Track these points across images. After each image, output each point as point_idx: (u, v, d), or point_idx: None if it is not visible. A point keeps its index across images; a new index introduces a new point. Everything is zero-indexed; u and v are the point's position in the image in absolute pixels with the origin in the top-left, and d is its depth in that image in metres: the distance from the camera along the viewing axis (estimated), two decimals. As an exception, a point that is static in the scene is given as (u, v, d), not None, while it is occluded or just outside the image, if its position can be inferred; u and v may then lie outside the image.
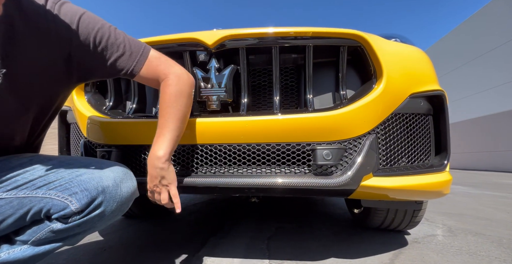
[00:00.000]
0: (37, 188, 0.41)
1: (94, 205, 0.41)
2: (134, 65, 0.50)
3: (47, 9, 0.43)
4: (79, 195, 0.41)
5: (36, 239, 0.42)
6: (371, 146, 0.59)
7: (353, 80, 0.69)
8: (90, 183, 0.42)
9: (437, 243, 0.91)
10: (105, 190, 0.42)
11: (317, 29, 0.62)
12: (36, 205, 0.40)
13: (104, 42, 0.47)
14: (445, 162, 0.68)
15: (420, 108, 0.66)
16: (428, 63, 0.70)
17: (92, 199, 0.41)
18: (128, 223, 1.21)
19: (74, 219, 0.41)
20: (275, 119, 0.60)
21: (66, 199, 0.41)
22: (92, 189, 0.41)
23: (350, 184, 0.56)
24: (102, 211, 0.42)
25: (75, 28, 0.45)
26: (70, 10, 0.45)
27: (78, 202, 0.40)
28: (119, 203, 0.44)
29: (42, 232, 0.42)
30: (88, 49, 0.47)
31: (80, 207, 0.41)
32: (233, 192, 0.66)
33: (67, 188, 0.41)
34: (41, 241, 0.42)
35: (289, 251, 0.81)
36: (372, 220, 0.97)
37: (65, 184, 0.41)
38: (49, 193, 0.41)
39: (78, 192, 0.41)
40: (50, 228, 0.42)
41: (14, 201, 0.40)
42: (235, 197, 1.90)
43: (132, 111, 0.70)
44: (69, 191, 0.41)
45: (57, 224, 0.41)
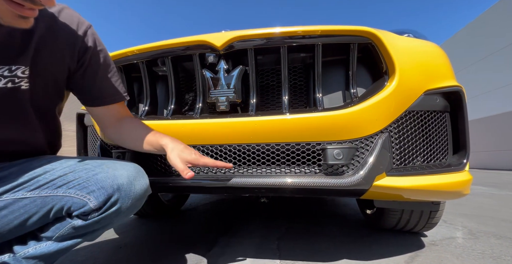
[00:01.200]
0: (58, 187, 0.43)
1: (110, 202, 0.43)
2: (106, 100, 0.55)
3: (76, 31, 0.50)
4: (96, 193, 0.43)
5: (59, 235, 0.44)
6: (384, 145, 0.58)
7: (363, 78, 0.68)
8: (105, 181, 0.44)
9: (457, 246, 0.86)
10: (120, 188, 0.44)
11: (326, 27, 0.61)
12: (57, 203, 0.43)
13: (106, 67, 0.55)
14: (464, 160, 0.64)
15: (436, 106, 0.64)
16: (443, 58, 0.68)
17: (108, 196, 0.43)
18: (142, 222, 1.25)
19: (93, 216, 0.43)
20: (284, 119, 0.60)
21: (85, 197, 0.43)
22: (108, 187, 0.43)
23: (362, 184, 0.55)
24: (119, 208, 0.44)
25: (94, 56, 0.53)
26: (96, 38, 0.53)
27: (96, 199, 0.43)
28: (133, 199, 0.46)
29: (65, 229, 0.44)
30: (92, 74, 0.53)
31: (98, 205, 0.43)
32: (243, 192, 0.67)
33: (85, 186, 0.43)
34: (63, 237, 0.45)
35: (300, 251, 0.81)
36: (386, 221, 0.95)
37: (83, 183, 0.44)
38: (69, 192, 0.43)
39: (95, 190, 0.43)
40: (71, 225, 0.44)
41: (38, 200, 0.43)
42: (245, 197, 1.91)
43: (145, 113, 0.72)
44: (87, 189, 0.43)
45: (77, 221, 0.44)
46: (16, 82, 0.43)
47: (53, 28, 0.46)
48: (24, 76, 0.43)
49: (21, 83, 0.43)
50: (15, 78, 0.43)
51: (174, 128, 0.66)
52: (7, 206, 0.42)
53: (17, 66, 0.42)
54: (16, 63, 0.42)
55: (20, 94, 0.44)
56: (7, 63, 0.42)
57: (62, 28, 0.48)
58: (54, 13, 0.47)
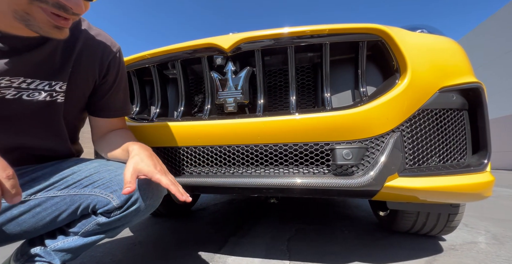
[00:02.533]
0: (84, 186, 0.47)
1: (131, 201, 0.46)
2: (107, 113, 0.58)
3: (111, 54, 0.54)
4: (119, 192, 0.46)
5: (85, 231, 0.48)
6: (396, 145, 0.56)
7: (373, 76, 0.66)
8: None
9: (479, 251, 0.81)
10: (139, 188, 0.47)
11: (333, 26, 0.60)
12: (84, 201, 0.47)
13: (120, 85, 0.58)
14: (485, 161, 0.61)
15: (452, 103, 0.61)
16: (460, 53, 0.64)
17: (129, 195, 0.46)
18: (155, 221, 1.29)
19: (116, 214, 0.47)
20: (292, 119, 0.60)
21: (108, 196, 0.46)
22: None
23: (373, 185, 0.54)
24: (138, 207, 0.47)
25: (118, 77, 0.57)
26: (121, 64, 0.58)
27: (118, 198, 0.46)
28: (151, 199, 0.49)
29: (90, 225, 0.48)
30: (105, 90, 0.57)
31: (120, 203, 0.46)
32: (251, 192, 0.67)
33: (108, 186, 0.47)
34: (88, 232, 0.49)
35: (310, 253, 0.80)
36: (400, 223, 0.91)
37: (107, 183, 0.47)
38: (94, 191, 0.47)
39: (117, 189, 0.46)
40: (96, 221, 0.48)
41: (67, 198, 0.47)
42: (254, 198, 1.91)
43: (156, 115, 0.75)
44: (110, 189, 0.46)
45: (102, 218, 0.47)
46: (54, 96, 0.48)
47: (89, 49, 0.51)
48: (61, 90, 0.48)
49: (58, 97, 0.48)
50: (53, 92, 0.47)
51: (184, 130, 0.67)
52: (41, 204, 0.46)
53: (56, 82, 0.47)
54: (56, 79, 0.47)
55: (55, 107, 0.49)
56: (48, 78, 0.46)
57: (97, 49, 0.52)
58: (91, 34, 0.52)
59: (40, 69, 0.45)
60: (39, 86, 0.45)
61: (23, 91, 0.44)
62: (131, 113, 0.63)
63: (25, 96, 0.44)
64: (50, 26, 0.38)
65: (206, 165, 0.68)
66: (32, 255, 0.47)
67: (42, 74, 0.45)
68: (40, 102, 0.46)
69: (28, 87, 0.44)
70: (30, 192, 0.46)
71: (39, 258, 0.47)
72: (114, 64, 0.55)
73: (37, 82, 0.45)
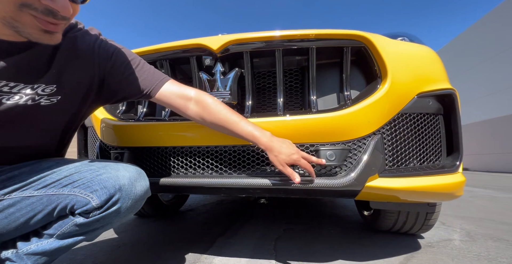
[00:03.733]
0: (63, 186, 0.45)
1: (112, 202, 0.45)
2: (152, 88, 0.56)
3: (95, 43, 0.53)
4: (99, 192, 0.45)
5: (61, 233, 0.46)
6: (376, 147, 0.58)
7: (358, 81, 0.69)
8: (108, 182, 0.45)
9: (453, 247, 0.86)
10: (122, 188, 0.46)
11: (319, 31, 0.63)
12: (62, 201, 0.45)
13: (132, 69, 0.56)
14: (457, 162, 0.65)
15: (429, 108, 0.65)
16: (437, 61, 0.68)
17: (110, 196, 0.45)
18: (141, 222, 1.27)
19: (95, 214, 0.45)
20: (279, 120, 0.61)
21: (88, 195, 0.45)
22: (110, 187, 0.45)
23: (354, 185, 0.56)
24: (119, 207, 0.46)
25: (114, 57, 0.54)
26: (112, 45, 0.56)
27: (98, 198, 0.44)
28: (133, 200, 0.48)
29: (67, 226, 0.46)
30: (119, 74, 0.55)
31: (100, 203, 0.44)
32: (239, 192, 0.68)
33: (89, 186, 0.45)
34: (65, 234, 0.47)
35: (296, 252, 0.81)
36: (383, 222, 0.95)
37: (87, 183, 0.46)
38: (74, 191, 0.45)
39: (98, 189, 0.45)
40: (73, 222, 0.46)
41: (44, 198, 0.45)
42: (244, 199, 1.91)
43: (143, 114, 0.74)
44: (91, 188, 0.45)
45: (80, 219, 0.45)
46: (36, 99, 0.46)
47: (75, 48, 0.50)
48: (44, 93, 0.46)
49: (41, 100, 0.46)
50: (36, 95, 0.46)
51: (171, 130, 0.67)
52: (15, 204, 0.44)
53: (39, 85, 0.45)
54: (39, 82, 0.45)
55: (40, 110, 0.47)
56: (32, 82, 0.45)
57: (81, 45, 0.51)
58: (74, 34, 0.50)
59: (25, 72, 0.44)
60: (22, 90, 0.44)
61: (4, 95, 0.42)
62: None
63: (5, 100, 0.43)
64: (40, 32, 0.38)
65: (193, 165, 0.68)
66: (2, 260, 0.45)
67: (26, 78, 0.44)
68: (20, 106, 0.44)
69: (10, 91, 0.43)
70: (4, 191, 0.44)
71: (10, 262, 0.44)
72: (104, 51, 0.53)
73: (20, 86, 0.43)
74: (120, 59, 0.55)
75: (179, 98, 0.57)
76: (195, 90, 0.58)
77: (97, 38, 0.54)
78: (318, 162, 0.56)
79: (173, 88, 0.57)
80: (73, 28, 0.50)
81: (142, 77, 0.56)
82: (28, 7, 0.35)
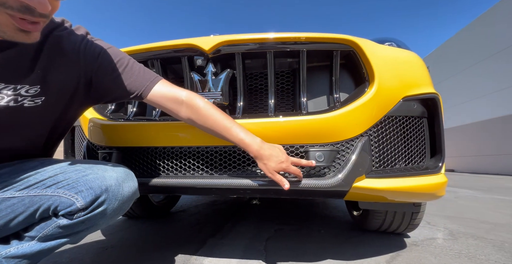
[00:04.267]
0: (47, 187, 0.44)
1: (97, 203, 0.44)
2: (143, 90, 0.55)
3: (82, 43, 0.51)
4: (85, 193, 0.43)
5: (43, 235, 0.45)
6: (364, 148, 0.60)
7: (347, 83, 0.71)
8: (94, 182, 0.44)
9: (437, 246, 0.90)
10: (108, 189, 0.45)
11: (310, 34, 0.64)
12: (45, 202, 0.43)
13: (121, 69, 0.54)
14: (440, 164, 0.68)
15: (413, 111, 0.67)
16: (421, 67, 0.71)
17: (96, 196, 0.44)
18: (130, 223, 1.24)
19: (79, 216, 0.44)
20: (270, 122, 0.62)
21: (73, 196, 0.43)
22: (96, 188, 0.44)
23: (342, 185, 0.57)
24: (105, 209, 0.45)
25: (100, 58, 0.53)
26: (99, 45, 0.54)
27: (83, 199, 0.43)
28: (120, 201, 0.47)
29: (49, 228, 0.44)
30: (107, 74, 0.54)
31: (85, 204, 0.43)
32: (229, 193, 0.68)
33: (74, 186, 0.44)
34: (47, 237, 0.45)
35: (286, 252, 0.82)
36: (371, 222, 0.97)
37: (72, 183, 0.44)
38: (58, 191, 0.44)
39: (83, 190, 0.44)
40: (56, 224, 0.44)
41: (26, 199, 0.43)
42: (236, 199, 1.91)
43: (133, 114, 0.73)
44: (76, 189, 0.44)
45: (63, 220, 0.44)
46: (19, 100, 0.44)
47: (60, 48, 0.48)
48: (27, 95, 0.45)
49: (24, 101, 0.45)
50: (19, 96, 0.44)
51: (162, 130, 0.67)
52: None
53: (22, 86, 0.44)
54: (22, 83, 0.44)
55: (23, 112, 0.45)
56: (14, 82, 0.43)
57: (68, 45, 0.49)
58: (61, 33, 0.49)
59: (6, 72, 0.42)
60: (3, 90, 0.42)
61: None
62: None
63: None
64: (14, 30, 0.36)
65: (184, 165, 0.67)
66: None
67: (7, 78, 0.42)
68: (1, 108, 0.43)
69: None
70: None
71: None
72: (90, 51, 0.52)
73: (1, 86, 0.42)
74: (108, 59, 0.53)
75: (171, 101, 0.56)
76: (187, 92, 0.57)
77: (84, 37, 0.52)
78: (309, 164, 0.57)
79: (164, 89, 0.56)
80: (59, 27, 0.49)
81: (132, 78, 0.55)
82: (2, 5, 0.33)
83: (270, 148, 0.55)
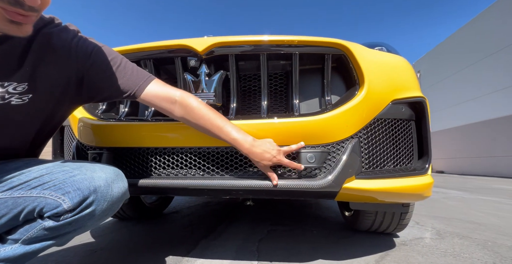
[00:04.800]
0: (32, 188, 0.43)
1: (85, 204, 0.43)
2: (136, 89, 0.55)
3: (73, 41, 0.51)
4: (72, 194, 0.42)
5: (27, 238, 0.43)
6: (354, 150, 0.62)
7: (338, 86, 0.72)
8: (82, 183, 0.43)
9: (424, 245, 0.92)
10: (97, 190, 0.44)
11: (302, 38, 0.65)
12: (30, 204, 0.42)
13: (114, 68, 0.54)
14: (427, 165, 0.70)
15: (402, 114, 0.69)
16: (410, 71, 0.74)
17: (84, 197, 0.43)
18: (121, 225, 1.22)
19: (66, 217, 0.43)
20: (262, 123, 0.62)
21: (59, 197, 0.42)
22: (84, 188, 0.43)
23: (332, 186, 0.58)
24: (93, 210, 0.44)
25: (93, 56, 0.53)
26: (92, 43, 0.53)
27: (71, 200, 0.42)
28: (109, 202, 0.46)
29: (34, 230, 0.43)
30: (100, 73, 0.53)
31: (72, 205, 0.42)
32: (221, 193, 0.68)
33: (60, 187, 0.43)
34: (32, 239, 0.43)
35: (279, 253, 0.83)
36: (362, 222, 0.99)
37: (59, 184, 0.43)
38: (43, 193, 0.42)
39: (71, 191, 0.43)
40: (42, 226, 0.43)
41: (9, 201, 0.42)
42: (230, 200, 1.91)
43: (125, 114, 0.72)
44: (62, 190, 0.43)
45: (49, 222, 0.43)
46: (6, 98, 0.43)
47: (50, 45, 0.47)
48: (15, 92, 0.44)
49: (11, 98, 0.44)
50: (6, 94, 0.43)
51: (155, 130, 0.66)
52: None
53: (9, 83, 0.43)
54: (10, 80, 0.43)
55: (10, 109, 0.45)
56: (1, 79, 0.42)
57: (57, 43, 0.49)
58: (51, 30, 0.48)
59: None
60: None
61: None
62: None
63: None
64: (6, 22, 0.36)
65: (176, 166, 0.67)
66: None
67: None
68: None
69: None
70: None
71: None
72: (82, 49, 0.51)
73: None
74: (100, 57, 0.53)
75: (164, 100, 0.56)
76: (180, 91, 0.57)
77: (75, 35, 0.52)
78: (298, 147, 0.59)
79: (158, 89, 0.56)
80: (49, 24, 0.48)
81: (125, 77, 0.55)
82: None
83: (261, 144, 0.57)
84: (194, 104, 0.56)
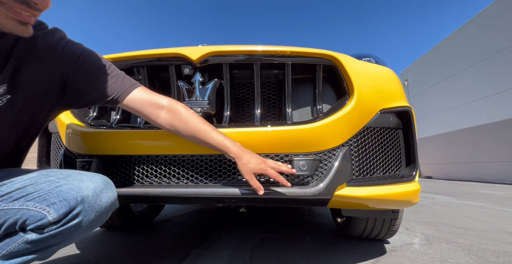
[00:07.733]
0: (14, 200, 0.41)
1: (72, 215, 0.41)
2: (120, 93, 0.55)
3: (59, 43, 0.50)
4: (58, 205, 0.40)
5: (7, 252, 0.41)
6: (345, 157, 0.63)
7: (329, 95, 0.74)
8: (69, 193, 0.42)
9: (413, 251, 0.94)
10: (85, 200, 0.42)
11: (294, 48, 0.67)
12: (11, 217, 0.40)
13: (100, 73, 0.53)
14: (414, 172, 0.72)
15: (390, 123, 0.72)
16: (397, 82, 0.77)
17: (70, 208, 0.41)
18: (109, 235, 1.17)
19: (50, 229, 0.41)
20: (256, 131, 0.63)
21: (44, 209, 0.40)
22: (71, 199, 0.41)
23: (324, 194, 0.59)
24: (80, 221, 0.42)
25: (80, 60, 0.52)
26: (80, 48, 0.53)
27: (56, 212, 0.40)
28: (97, 213, 0.44)
29: (15, 244, 0.41)
30: (85, 77, 0.53)
31: (57, 217, 0.40)
32: (214, 201, 0.68)
33: (45, 198, 0.41)
34: (12, 254, 0.41)
35: (271, 261, 0.82)
36: (354, 229, 1.00)
37: (44, 195, 0.41)
38: (27, 205, 0.40)
39: (56, 202, 0.41)
40: (24, 239, 0.41)
41: None
42: (223, 208, 1.88)
43: (116, 121, 0.71)
44: (47, 201, 0.41)
45: (31, 235, 0.41)
46: None
47: (34, 47, 0.47)
48: None
49: None
50: None
51: (147, 138, 0.65)
52: None
53: None
54: None
55: None
56: None
57: (43, 45, 0.48)
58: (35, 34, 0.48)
59: None
60: None
61: None
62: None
63: None
64: (14, 23, 0.36)
65: (169, 174, 0.66)
66: None
67: None
68: None
69: None
70: None
71: None
72: (69, 53, 0.51)
73: None
74: (87, 62, 0.52)
75: (150, 106, 0.56)
76: (168, 99, 0.57)
77: (62, 39, 0.51)
78: (288, 171, 0.58)
79: (144, 95, 0.56)
80: (34, 28, 0.47)
81: (110, 82, 0.54)
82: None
83: (249, 151, 0.57)
84: (182, 109, 0.56)
